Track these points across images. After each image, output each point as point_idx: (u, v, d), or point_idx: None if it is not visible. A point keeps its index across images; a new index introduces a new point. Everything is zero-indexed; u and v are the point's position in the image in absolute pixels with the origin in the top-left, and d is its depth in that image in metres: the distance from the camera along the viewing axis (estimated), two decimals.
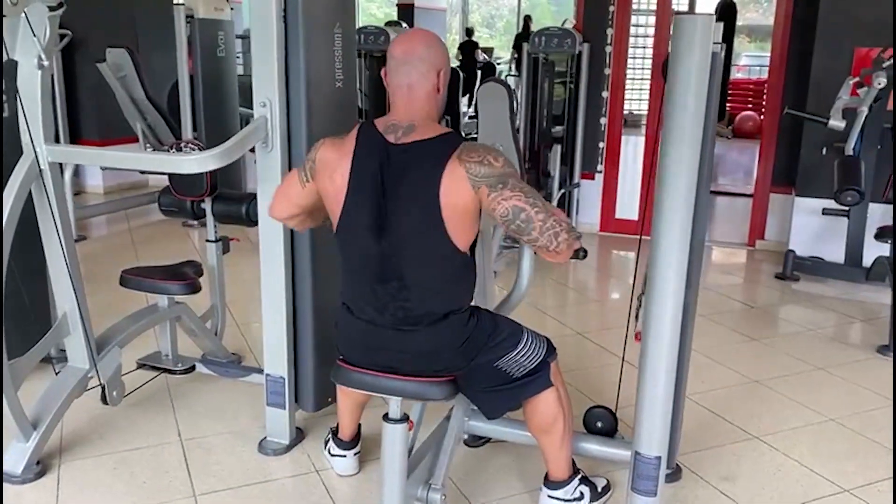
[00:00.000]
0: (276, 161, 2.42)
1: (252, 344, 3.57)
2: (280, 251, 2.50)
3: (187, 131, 5.59)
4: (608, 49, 5.48)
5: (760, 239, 5.49)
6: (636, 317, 2.24)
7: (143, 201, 6.37)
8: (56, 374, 2.66)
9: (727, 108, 11.41)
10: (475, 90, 9.79)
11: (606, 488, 2.36)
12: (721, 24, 1.91)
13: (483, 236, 2.20)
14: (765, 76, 13.21)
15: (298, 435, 2.71)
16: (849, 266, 4.53)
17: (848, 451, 2.72)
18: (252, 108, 2.46)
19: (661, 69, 2.12)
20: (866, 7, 4.54)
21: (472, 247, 1.94)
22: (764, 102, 12.43)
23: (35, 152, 2.35)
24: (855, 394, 3.19)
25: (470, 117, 8.84)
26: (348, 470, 2.49)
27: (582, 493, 2.28)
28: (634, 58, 7.01)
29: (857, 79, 4.22)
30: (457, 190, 1.79)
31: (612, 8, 5.43)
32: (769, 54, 5.69)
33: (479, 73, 10.33)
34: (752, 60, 15.67)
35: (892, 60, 4.06)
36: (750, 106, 12.45)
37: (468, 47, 10.84)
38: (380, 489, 2.03)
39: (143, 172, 6.28)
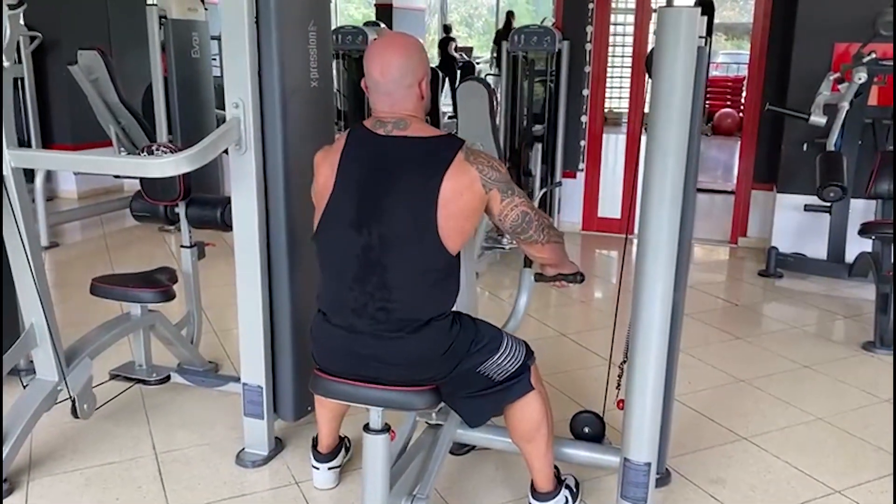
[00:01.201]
0: (251, 163, 2.35)
1: (230, 351, 3.48)
2: (256, 256, 2.42)
3: (162, 134, 5.49)
4: (588, 47, 5.44)
5: (742, 236, 5.48)
6: (617, 385, 2.23)
7: (118, 206, 6.23)
8: (24, 387, 2.57)
9: (706, 106, 11.44)
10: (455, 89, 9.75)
11: (577, 485, 2.32)
12: (704, 19, 1.87)
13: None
14: (742, 74, 13.30)
15: (278, 445, 2.63)
16: (831, 262, 4.52)
17: (837, 451, 2.68)
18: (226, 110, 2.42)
19: (645, 64, 2.07)
20: (845, 3, 4.52)
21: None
22: (743, 100, 12.53)
23: (1, 156, 2.25)
24: (842, 392, 3.16)
25: (449, 117, 8.78)
26: (325, 484, 2.41)
27: (567, 499, 2.23)
28: (614, 56, 6.98)
29: (837, 74, 4.21)
30: (466, 189, 1.79)
31: (591, 5, 5.39)
32: (747, 52, 5.68)
33: (458, 72, 10.27)
34: (729, 58, 15.77)
35: (872, 55, 4.05)
36: (728, 103, 12.49)
37: (446, 44, 10.76)
38: (361, 501, 1.96)
39: (116, 177, 6.17)
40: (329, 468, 2.40)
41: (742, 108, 12.32)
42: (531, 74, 5.52)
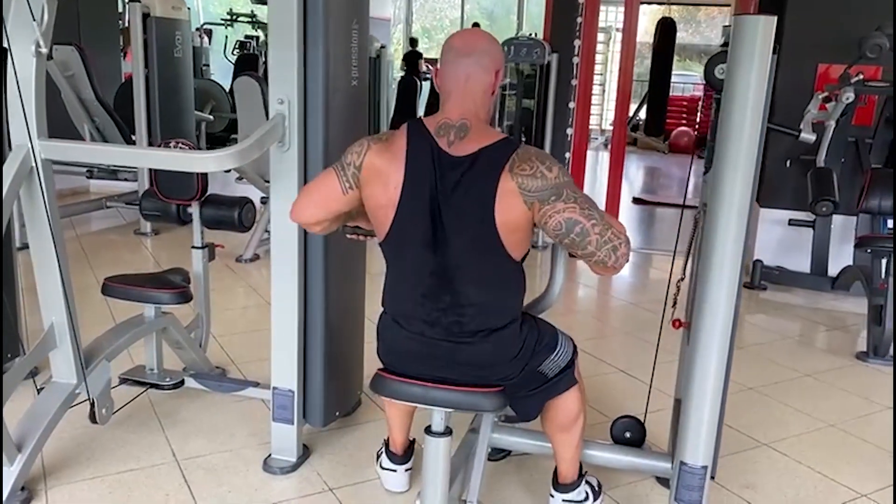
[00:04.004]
0: (293, 161, 2.29)
1: (234, 356, 3.39)
2: (294, 257, 2.36)
3: (142, 134, 5.32)
4: (575, 60, 5.50)
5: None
6: (673, 304, 2.22)
7: (87, 209, 6.02)
8: (38, 390, 2.44)
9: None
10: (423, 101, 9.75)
11: (600, 485, 2.33)
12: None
13: None
14: (696, 94, 13.68)
15: (305, 452, 2.56)
16: (815, 275, 4.65)
17: (855, 456, 2.75)
18: (204, 112, 2.35)
19: (705, 74, 2.10)
20: (829, 26, 4.70)
21: None
22: (698, 118, 12.87)
23: (31, 148, 2.15)
24: (846, 399, 3.25)
25: None
26: (398, 486, 2.36)
27: (587, 494, 2.25)
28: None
29: (825, 94, 4.35)
30: (510, 206, 1.70)
31: (579, 19, 5.47)
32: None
33: (423, 84, 10.23)
34: (681, 78, 16.17)
35: (859, 76, 4.21)
36: (684, 122, 12.80)
37: (412, 58, 10.73)
38: None
39: (89, 176, 5.96)
40: (406, 470, 2.34)
41: (697, 126, 12.71)
42: (518, 86, 5.57)
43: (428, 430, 1.88)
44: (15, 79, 2.05)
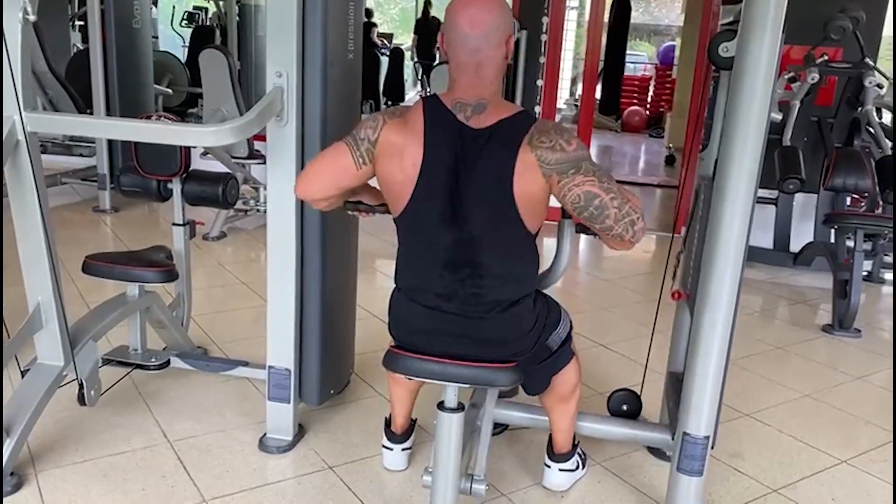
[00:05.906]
0: (291, 137, 2.24)
1: (214, 335, 3.32)
2: (291, 234, 2.32)
3: (100, 108, 5.12)
4: (543, 38, 5.51)
5: (686, 226, 5.69)
6: (673, 275, 2.31)
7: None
8: (21, 373, 2.36)
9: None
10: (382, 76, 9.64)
11: (585, 453, 2.40)
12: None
13: None
14: (646, 73, 13.86)
15: (300, 431, 2.54)
16: (777, 251, 4.79)
17: (831, 425, 2.86)
18: (161, 85, 2.27)
19: (707, 52, 2.12)
20: (792, 7, 4.78)
21: None
22: (649, 98, 13.04)
23: (20, 120, 2.05)
24: (817, 370, 3.38)
25: (385, 103, 8.69)
26: (395, 465, 2.35)
27: (578, 463, 2.32)
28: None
29: (791, 74, 4.46)
30: (529, 178, 1.70)
31: None
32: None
33: (381, 57, 10.12)
34: (631, 58, 16.34)
35: (824, 58, 4.33)
36: (636, 101, 12.95)
37: (368, 30, 10.62)
38: (433, 484, 1.93)
39: (43, 152, 5.72)
40: (403, 449, 2.34)
41: (648, 105, 12.89)
42: None
43: (440, 406, 1.88)
44: (5, 47, 1.94)
